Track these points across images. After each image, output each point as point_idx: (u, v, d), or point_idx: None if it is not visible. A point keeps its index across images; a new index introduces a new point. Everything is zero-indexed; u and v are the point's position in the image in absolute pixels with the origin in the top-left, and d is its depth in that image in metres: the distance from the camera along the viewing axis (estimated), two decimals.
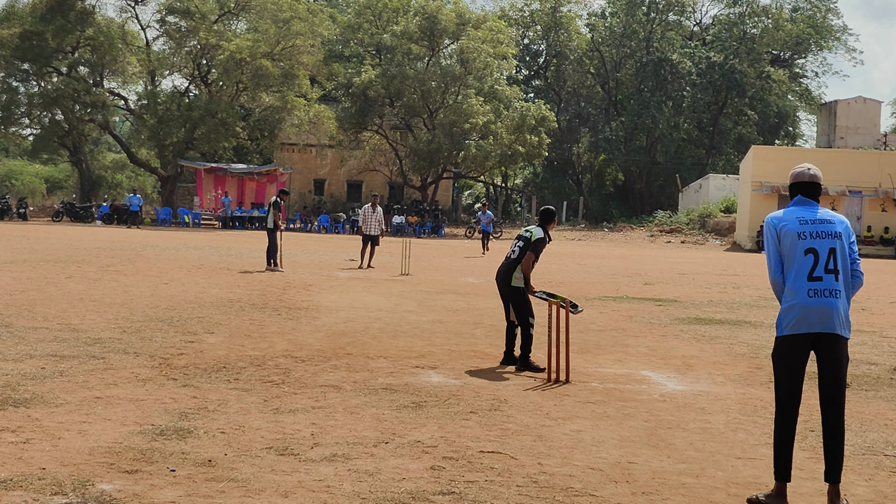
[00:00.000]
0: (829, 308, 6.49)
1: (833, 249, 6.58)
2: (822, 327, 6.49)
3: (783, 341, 6.66)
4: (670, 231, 65.90)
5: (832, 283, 6.53)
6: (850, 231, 6.79)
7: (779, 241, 6.73)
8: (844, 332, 6.56)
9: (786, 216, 6.77)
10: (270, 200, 27.44)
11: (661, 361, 12.64)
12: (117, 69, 66.97)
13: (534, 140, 65.42)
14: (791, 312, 6.57)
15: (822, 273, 6.53)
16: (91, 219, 60.06)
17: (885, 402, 10.30)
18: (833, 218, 6.74)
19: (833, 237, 6.62)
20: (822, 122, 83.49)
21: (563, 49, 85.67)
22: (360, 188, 75.85)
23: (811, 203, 6.84)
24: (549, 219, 12.29)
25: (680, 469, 7.39)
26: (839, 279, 6.56)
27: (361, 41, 71.14)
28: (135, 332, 13.07)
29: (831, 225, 6.67)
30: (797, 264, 6.59)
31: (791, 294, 6.59)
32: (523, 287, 11.94)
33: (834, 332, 6.50)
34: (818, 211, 6.77)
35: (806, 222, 6.67)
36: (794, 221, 6.70)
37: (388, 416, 8.75)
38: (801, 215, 6.73)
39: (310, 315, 16.19)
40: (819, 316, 6.48)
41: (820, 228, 6.64)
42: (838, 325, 6.51)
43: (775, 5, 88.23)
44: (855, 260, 6.74)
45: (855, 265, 6.73)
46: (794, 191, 6.95)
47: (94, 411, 8.45)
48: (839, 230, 6.66)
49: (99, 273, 22.16)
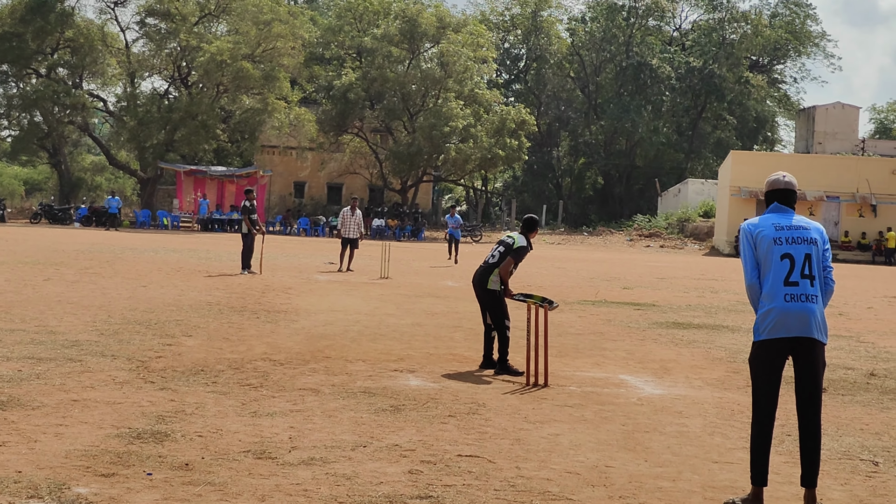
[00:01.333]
0: (806, 313, 6.52)
1: (809, 255, 6.63)
2: (800, 332, 6.52)
3: (761, 346, 6.67)
4: (649, 235, 66.08)
5: (808, 288, 6.57)
6: (826, 238, 6.86)
7: (755, 246, 6.76)
8: (821, 337, 6.60)
9: (762, 223, 6.81)
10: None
11: (639, 365, 12.67)
12: (97, 71, 66.77)
13: (514, 144, 65.52)
14: (769, 317, 6.59)
15: (798, 278, 6.57)
16: (69, 221, 59.83)
17: (861, 407, 10.35)
18: (809, 224, 6.80)
19: (809, 243, 6.67)
20: (801, 127, 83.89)
21: (544, 53, 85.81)
22: (341, 191, 75.79)
23: (787, 210, 6.89)
24: (532, 227, 12.29)
25: (657, 473, 7.41)
26: (815, 284, 6.61)
27: (342, 44, 71.09)
28: (112, 335, 13.03)
29: (807, 231, 6.72)
30: (774, 269, 6.62)
31: (768, 299, 6.62)
32: (499, 290, 11.94)
33: (811, 337, 6.54)
34: (794, 217, 6.82)
35: (782, 228, 6.71)
36: (770, 227, 6.73)
37: (366, 419, 8.74)
38: (777, 222, 6.77)
39: (288, 318, 16.17)
40: (796, 320, 6.52)
41: (796, 234, 6.69)
42: (815, 329, 6.55)
43: (754, 11, 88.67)
44: (828, 267, 6.79)
45: (828, 272, 6.78)
46: (770, 198, 7.00)
47: (70, 414, 8.42)
48: (815, 236, 6.72)
49: (77, 275, 22.08)
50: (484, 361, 11.97)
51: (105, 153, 71.47)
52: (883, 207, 57.33)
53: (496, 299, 11.94)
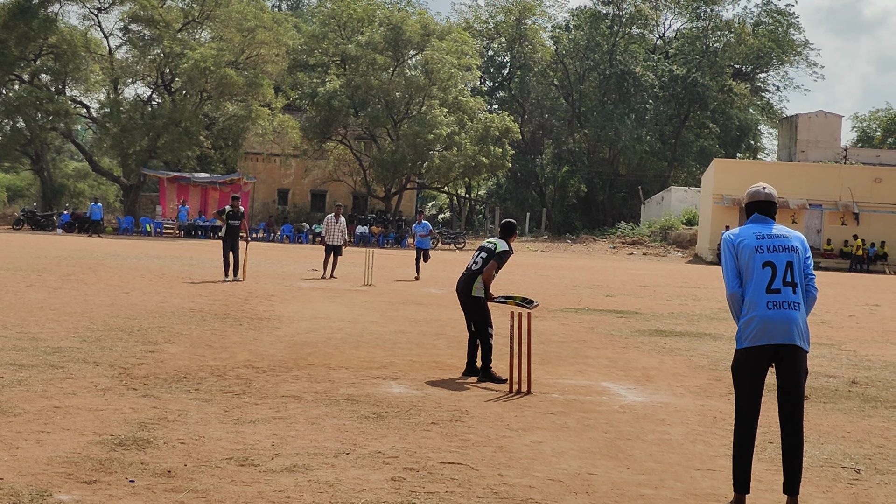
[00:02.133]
0: (788, 320, 6.57)
1: (790, 263, 6.70)
2: (782, 339, 6.57)
3: (743, 353, 6.72)
4: (632, 243, 66.22)
5: (790, 295, 6.63)
6: (807, 246, 6.92)
7: (736, 256, 6.83)
8: (804, 345, 6.66)
9: (742, 233, 6.89)
10: None
11: (622, 373, 12.69)
12: (80, 77, 66.57)
13: (497, 151, 65.61)
14: (751, 325, 6.64)
15: (780, 286, 6.63)
16: (52, 227, 59.71)
17: (842, 415, 10.39)
18: (789, 233, 6.88)
19: (790, 251, 6.74)
20: (784, 135, 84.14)
21: (528, 61, 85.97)
22: (324, 198, 75.76)
23: (767, 220, 6.99)
24: (511, 232, 12.33)
25: (639, 480, 7.42)
26: (797, 292, 6.67)
27: (326, 51, 71.06)
28: (95, 342, 12.99)
29: (787, 239, 6.80)
30: (755, 277, 6.68)
31: (750, 307, 6.66)
32: (483, 297, 11.96)
33: (794, 344, 6.58)
34: (774, 227, 6.92)
35: (763, 237, 6.79)
36: (751, 237, 6.81)
37: (349, 426, 8.74)
38: (757, 231, 6.86)
39: (271, 325, 16.15)
40: (779, 328, 6.56)
41: (777, 243, 6.76)
42: (798, 336, 6.60)
43: (738, 20, 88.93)
44: (810, 275, 6.86)
45: (810, 280, 6.85)
46: (750, 209, 7.11)
47: (52, 421, 8.39)
48: (796, 244, 6.80)
49: (59, 282, 22.02)
50: (467, 369, 11.97)
51: (88, 159, 71.32)
52: (865, 216, 57.58)
53: (480, 306, 11.95)
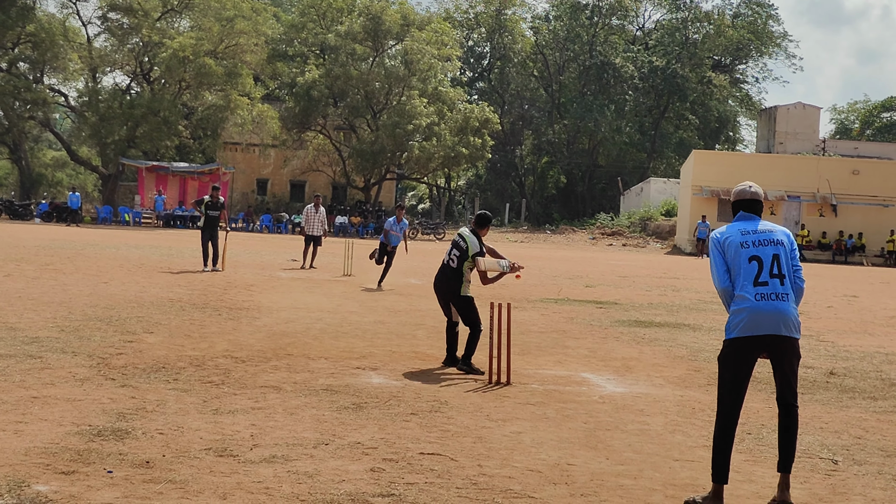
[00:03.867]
0: (776, 311, 6.70)
1: (777, 255, 6.83)
2: (772, 330, 6.69)
3: (732, 343, 6.82)
4: (612, 234, 66.34)
5: (778, 286, 6.76)
6: (793, 240, 7.06)
7: (723, 252, 6.96)
8: (794, 333, 6.77)
9: (728, 230, 7.02)
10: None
11: (601, 363, 12.71)
12: (58, 66, 66.18)
13: (477, 142, 65.65)
14: (740, 315, 6.76)
15: (767, 278, 6.76)
16: (30, 216, 59.45)
17: (820, 406, 10.43)
18: (774, 228, 7.01)
19: (775, 244, 6.87)
20: (762, 127, 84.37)
21: (507, 52, 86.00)
22: (304, 188, 75.62)
23: (753, 217, 7.09)
24: (484, 224, 12.23)
25: (618, 471, 7.43)
26: (785, 283, 6.81)
27: (305, 41, 70.87)
28: (73, 332, 12.94)
29: (773, 234, 6.93)
30: (743, 272, 6.81)
31: (739, 299, 6.80)
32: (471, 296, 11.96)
33: (782, 335, 6.71)
34: (760, 223, 7.03)
35: (748, 233, 6.91)
36: (736, 233, 6.93)
37: (329, 417, 8.73)
38: (743, 227, 6.98)
39: (251, 315, 16.12)
40: (768, 319, 6.69)
41: (762, 237, 6.88)
42: (787, 327, 6.73)
43: (717, 11, 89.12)
44: (797, 268, 6.96)
45: (797, 272, 6.95)
46: (736, 207, 7.22)
47: (30, 411, 8.36)
48: (781, 238, 6.92)
49: (38, 271, 21.92)
50: (447, 358, 11.97)
51: (66, 149, 71.01)
52: (843, 207, 57.82)
53: (470, 305, 11.93)
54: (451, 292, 11.98)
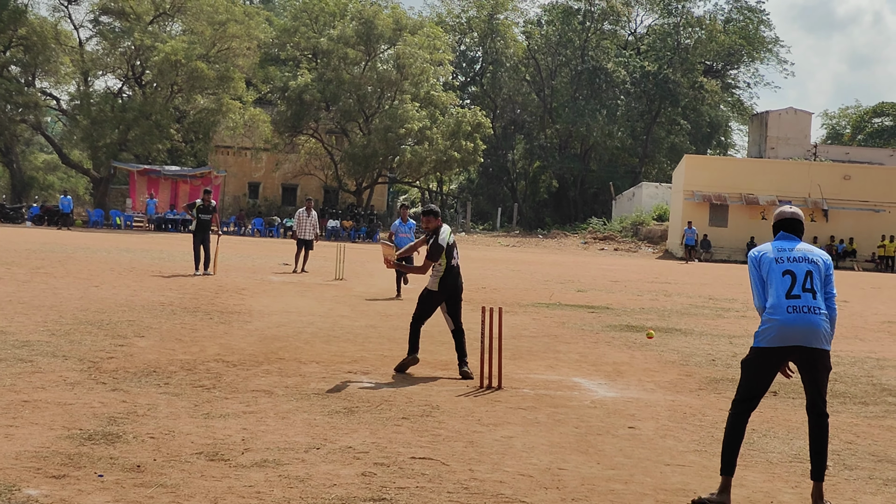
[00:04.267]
0: (808, 324, 6.79)
1: (810, 272, 6.93)
2: (802, 342, 6.80)
3: (758, 352, 6.94)
4: (603, 238, 66.38)
5: (810, 300, 6.84)
6: (830, 265, 7.14)
7: (758, 268, 7.08)
8: (825, 346, 6.86)
9: (764, 247, 7.19)
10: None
11: (593, 368, 12.72)
12: (50, 69, 66.19)
13: (469, 146, 65.71)
14: (770, 325, 6.86)
15: (799, 291, 6.86)
16: (21, 220, 59.37)
17: None
18: (813, 249, 7.15)
19: (809, 262, 6.98)
20: (754, 132, 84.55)
21: (500, 56, 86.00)
22: (295, 192, 75.63)
23: (793, 238, 7.21)
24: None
25: (609, 475, 7.44)
26: (818, 297, 6.89)
27: (298, 45, 70.89)
28: (64, 336, 12.92)
29: (810, 253, 7.06)
30: (776, 285, 6.92)
31: (771, 311, 6.88)
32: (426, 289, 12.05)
33: (813, 347, 6.81)
34: (798, 244, 7.15)
35: (783, 250, 7.05)
36: (772, 251, 7.08)
37: (320, 421, 8.72)
38: (779, 246, 7.12)
39: (242, 319, 16.11)
40: (799, 332, 6.78)
41: (797, 255, 7.02)
42: (817, 339, 6.82)
43: (709, 17, 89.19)
44: (831, 294, 7.02)
45: (830, 299, 7.01)
46: (777, 228, 7.34)
47: (21, 415, 8.34)
48: (816, 259, 7.03)
49: (28, 275, 21.88)
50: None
51: (58, 152, 70.96)
52: (834, 212, 57.95)
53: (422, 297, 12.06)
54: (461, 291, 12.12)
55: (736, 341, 16.29)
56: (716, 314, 21.22)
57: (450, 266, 12.00)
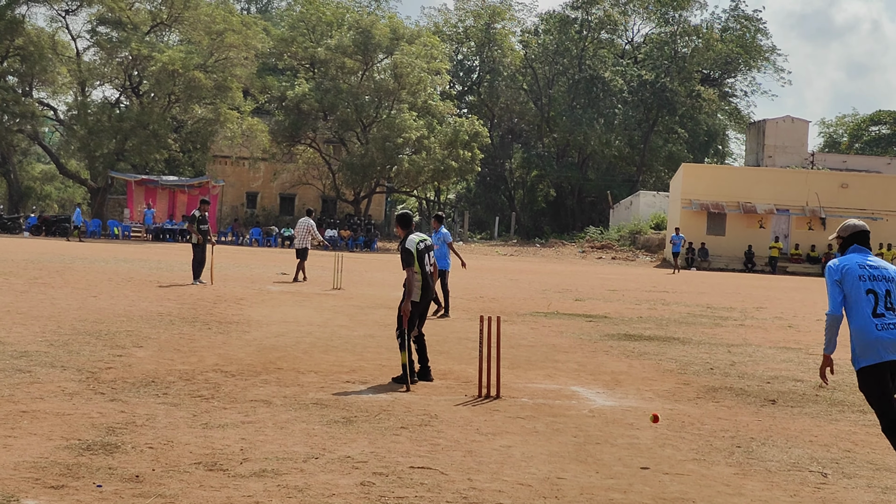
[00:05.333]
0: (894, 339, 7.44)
1: (889, 291, 7.61)
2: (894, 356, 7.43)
3: (867, 371, 7.52)
4: (601, 247, 66.35)
5: (892, 317, 7.52)
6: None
7: (841, 281, 7.70)
8: None
9: (845, 261, 7.81)
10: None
11: (591, 377, 12.72)
12: (47, 79, 66.25)
13: (466, 155, 65.73)
14: (865, 344, 7.49)
15: (883, 310, 7.53)
16: (19, 230, 59.35)
17: (810, 419, 10.45)
18: (886, 265, 7.82)
19: (888, 280, 7.66)
20: (751, 140, 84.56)
21: (497, 65, 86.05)
22: (293, 202, 75.63)
23: (865, 250, 7.90)
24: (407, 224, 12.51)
25: (608, 484, 7.44)
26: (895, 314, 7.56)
27: (295, 54, 70.90)
28: (62, 346, 12.92)
29: (885, 270, 7.72)
30: (861, 303, 7.57)
31: (861, 332, 7.52)
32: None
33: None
34: (869, 256, 7.85)
35: (864, 266, 7.70)
36: (854, 266, 7.71)
37: (319, 431, 8.72)
38: (860, 261, 7.75)
39: (240, 329, 16.11)
40: (891, 346, 7.43)
41: (876, 272, 7.67)
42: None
43: (706, 25, 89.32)
44: None
45: None
46: (849, 241, 7.98)
47: (19, 425, 8.34)
48: (892, 275, 7.70)
49: (26, 285, 21.88)
50: (423, 370, 12.00)
51: (55, 162, 70.98)
52: (832, 220, 57.89)
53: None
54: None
55: (734, 350, 16.29)
56: (714, 323, 21.23)
57: (424, 273, 12.11)
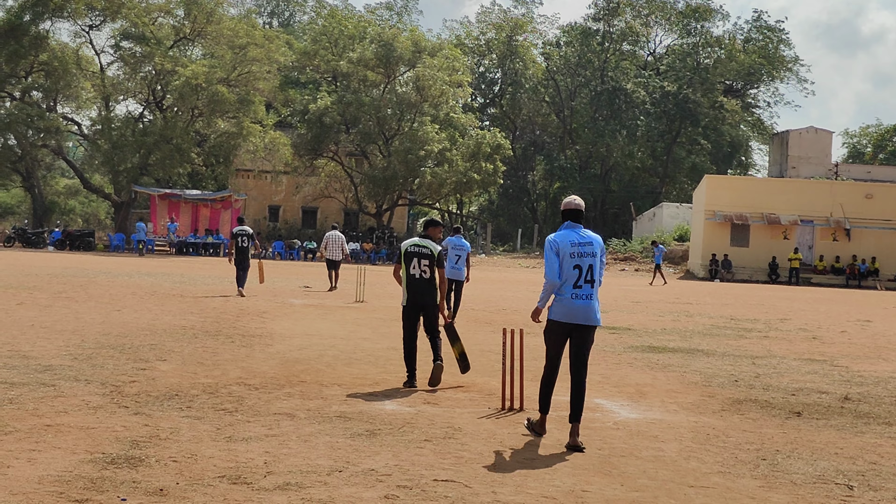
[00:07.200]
0: (586, 307, 9.28)
1: (591, 265, 9.34)
2: (581, 321, 9.28)
3: (556, 324, 9.40)
4: (624, 259, 66.20)
5: (588, 289, 9.30)
6: (604, 249, 9.63)
7: (558, 254, 9.31)
8: (596, 322, 9.39)
9: (560, 237, 9.45)
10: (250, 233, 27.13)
11: (615, 389, 12.67)
12: (71, 94, 66.51)
13: (489, 167, 65.75)
14: (561, 304, 9.33)
15: (582, 283, 9.26)
16: (43, 244, 59.60)
17: (835, 431, 10.37)
18: (592, 239, 9.48)
19: (592, 257, 9.35)
20: (775, 151, 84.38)
21: (519, 77, 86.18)
22: (316, 215, 75.79)
23: (577, 226, 9.52)
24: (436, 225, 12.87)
25: (633, 497, 7.40)
26: (594, 286, 9.34)
27: (317, 68, 71.17)
28: (86, 360, 12.95)
29: (591, 246, 9.39)
30: (568, 275, 9.27)
31: (562, 292, 9.31)
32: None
33: (587, 325, 9.32)
34: (581, 231, 9.49)
35: (576, 244, 9.33)
36: (567, 244, 9.34)
37: (342, 444, 8.71)
38: (572, 238, 9.38)
39: (263, 342, 16.11)
40: (580, 312, 9.27)
41: (584, 249, 9.33)
42: (591, 318, 9.32)
43: (728, 36, 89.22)
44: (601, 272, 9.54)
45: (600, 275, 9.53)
46: (564, 217, 9.62)
47: (44, 439, 8.35)
48: (596, 250, 9.42)
49: (50, 299, 21.96)
50: (412, 378, 12.21)
51: (79, 176, 71.28)
52: (857, 231, 57.63)
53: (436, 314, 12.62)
54: (433, 304, 12.18)
55: (759, 362, 16.21)
56: (738, 335, 21.13)
57: (409, 275, 12.33)
